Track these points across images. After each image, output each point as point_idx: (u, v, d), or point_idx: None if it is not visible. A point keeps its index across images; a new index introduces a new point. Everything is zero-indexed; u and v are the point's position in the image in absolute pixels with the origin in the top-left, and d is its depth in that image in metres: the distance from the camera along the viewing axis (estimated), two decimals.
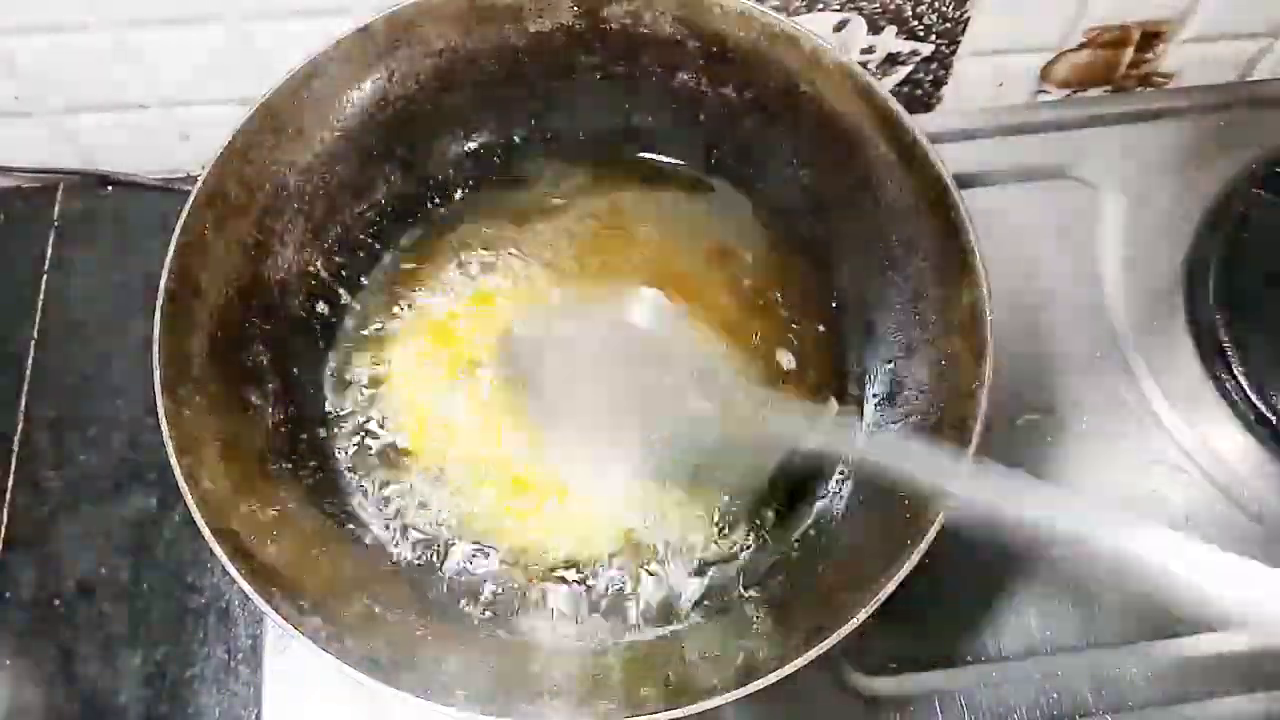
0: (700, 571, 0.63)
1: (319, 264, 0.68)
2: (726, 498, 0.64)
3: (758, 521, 0.65)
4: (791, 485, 0.65)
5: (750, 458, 0.65)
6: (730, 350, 0.69)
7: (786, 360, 0.69)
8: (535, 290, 0.70)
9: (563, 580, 0.63)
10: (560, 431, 0.65)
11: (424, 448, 0.66)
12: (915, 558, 0.50)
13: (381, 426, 0.67)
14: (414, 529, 0.64)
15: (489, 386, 0.67)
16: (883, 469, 0.55)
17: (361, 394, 0.68)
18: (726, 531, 0.64)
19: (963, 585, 0.69)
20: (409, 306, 0.70)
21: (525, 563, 0.63)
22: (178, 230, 0.57)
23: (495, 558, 0.63)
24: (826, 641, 0.49)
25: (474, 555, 0.64)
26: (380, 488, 0.65)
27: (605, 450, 0.65)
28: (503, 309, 0.70)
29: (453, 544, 0.64)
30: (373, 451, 0.66)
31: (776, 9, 0.62)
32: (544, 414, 0.66)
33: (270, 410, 0.63)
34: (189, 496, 0.52)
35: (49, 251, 0.84)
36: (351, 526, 0.64)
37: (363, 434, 0.67)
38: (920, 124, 0.59)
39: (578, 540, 0.64)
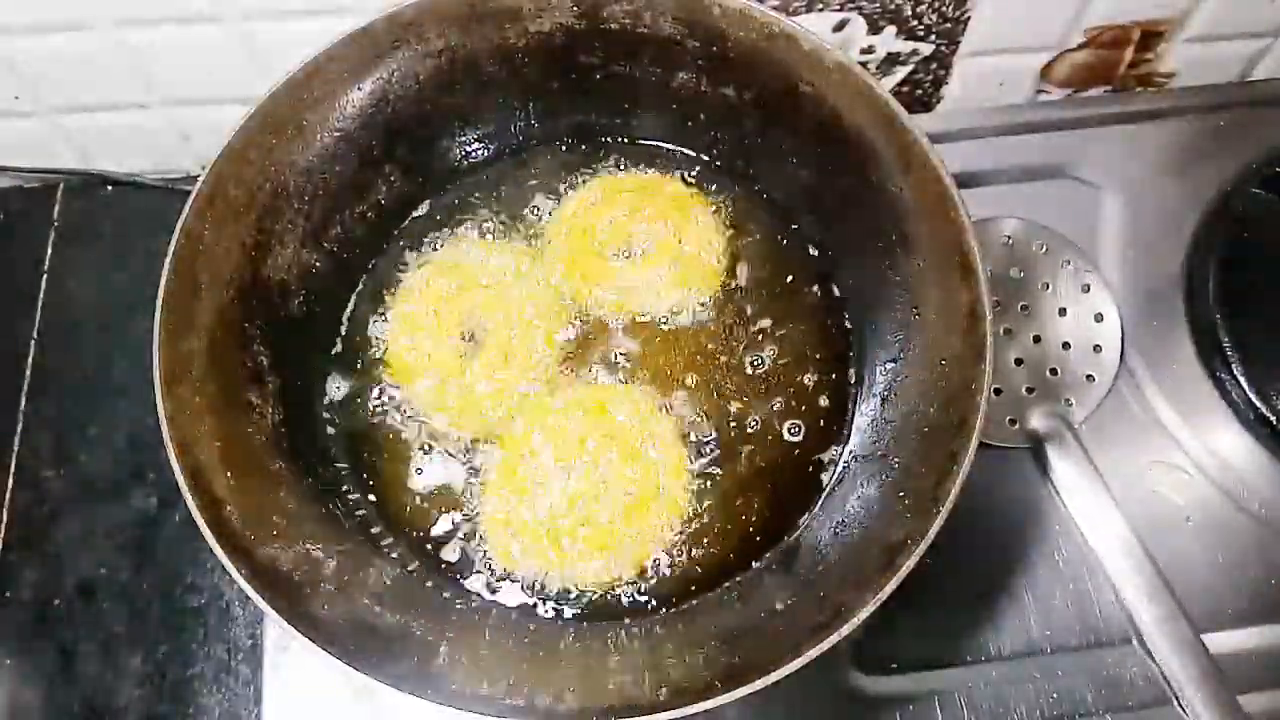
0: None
1: (319, 264, 0.68)
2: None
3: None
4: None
5: None
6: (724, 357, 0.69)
7: (786, 362, 0.69)
8: (533, 291, 0.71)
9: (562, 581, 0.63)
10: None
11: (422, 446, 0.66)
12: (915, 558, 0.50)
13: (380, 424, 0.67)
14: (413, 528, 0.64)
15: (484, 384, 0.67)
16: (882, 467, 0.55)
17: (360, 391, 0.68)
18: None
19: (963, 585, 0.69)
20: (407, 304, 0.70)
21: (522, 562, 0.63)
22: (178, 230, 0.57)
23: (493, 555, 0.64)
24: (826, 641, 0.49)
25: (472, 552, 0.64)
26: (379, 485, 0.65)
27: None
28: (501, 308, 0.70)
29: (450, 542, 0.64)
30: (372, 450, 0.66)
31: (776, 9, 0.62)
32: None
33: (270, 410, 0.63)
34: (189, 496, 0.52)
35: (49, 251, 0.84)
36: (351, 525, 0.64)
37: (361, 432, 0.67)
38: (920, 124, 0.59)
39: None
